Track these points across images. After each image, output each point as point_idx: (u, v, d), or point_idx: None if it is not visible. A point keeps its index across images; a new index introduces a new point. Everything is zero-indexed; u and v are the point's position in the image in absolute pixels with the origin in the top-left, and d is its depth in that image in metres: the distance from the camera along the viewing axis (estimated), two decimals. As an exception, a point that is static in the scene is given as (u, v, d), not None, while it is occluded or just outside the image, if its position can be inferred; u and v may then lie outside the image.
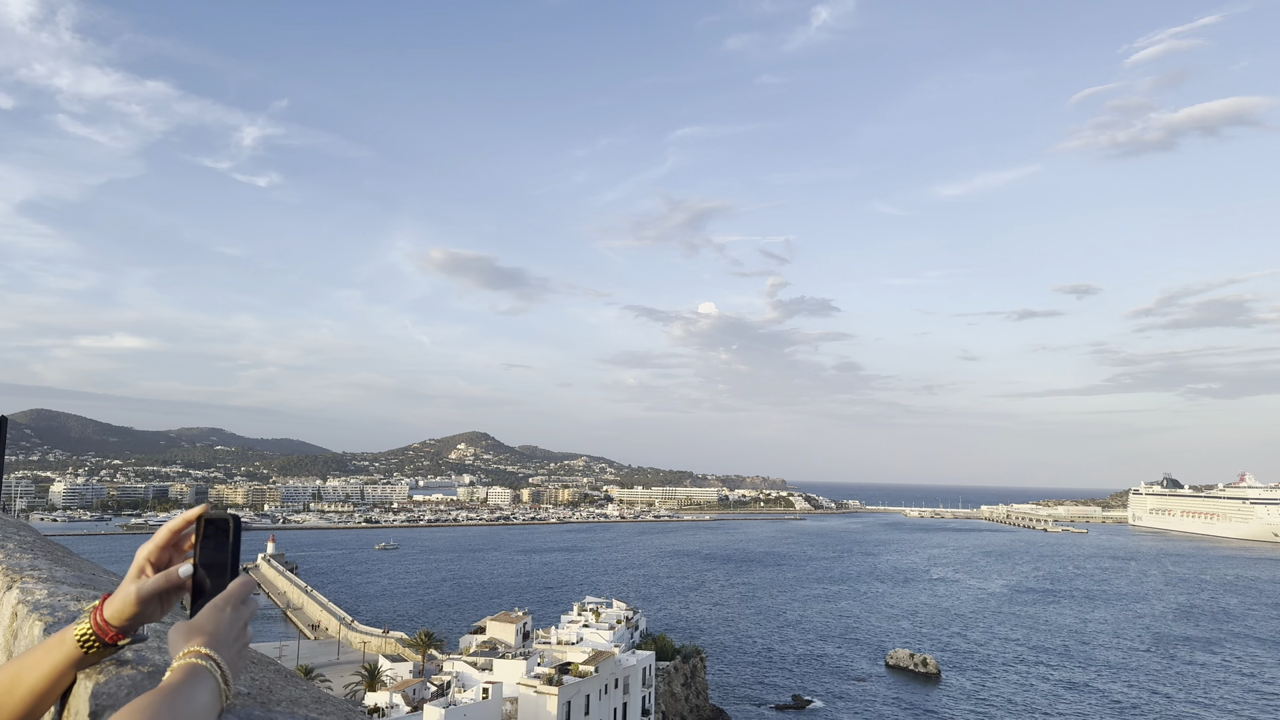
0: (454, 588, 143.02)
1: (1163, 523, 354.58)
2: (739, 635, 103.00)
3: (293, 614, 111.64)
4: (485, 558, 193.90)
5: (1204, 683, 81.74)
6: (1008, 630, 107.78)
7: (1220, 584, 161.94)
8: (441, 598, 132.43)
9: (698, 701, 68.40)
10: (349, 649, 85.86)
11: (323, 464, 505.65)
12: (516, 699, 45.29)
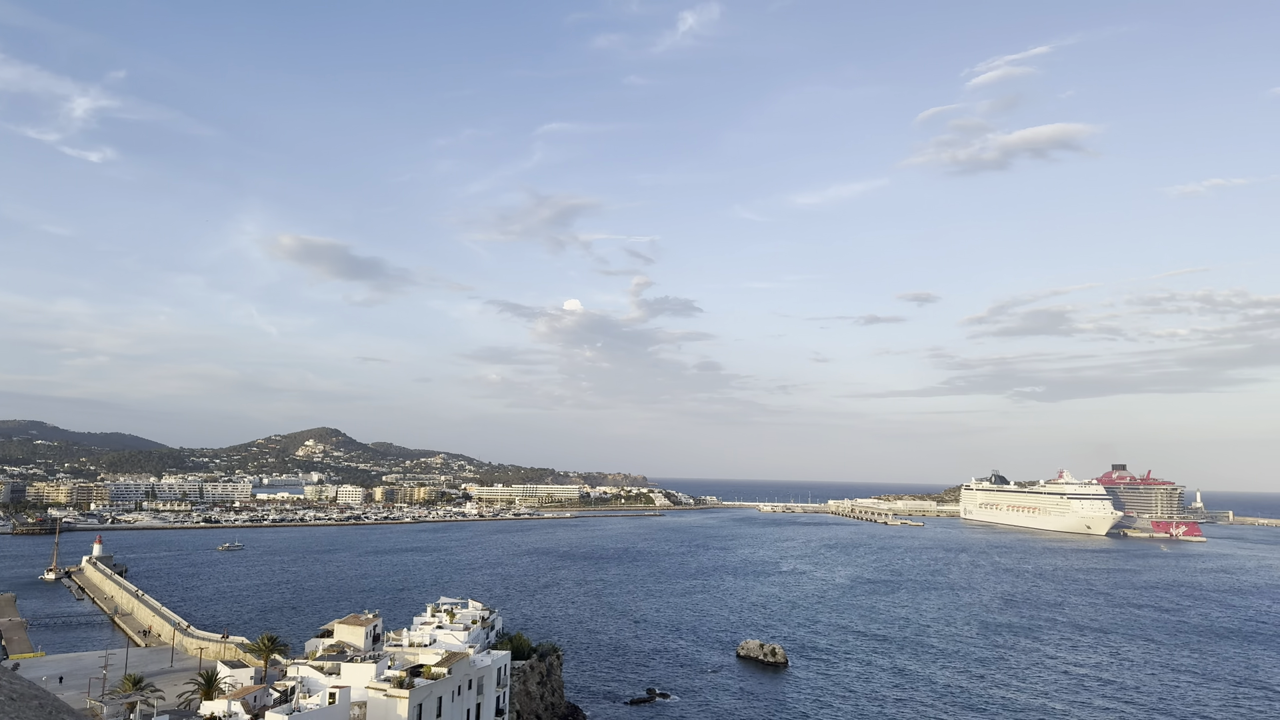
0: (300, 590, 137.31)
1: (991, 516, 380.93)
2: (595, 632, 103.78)
3: (121, 620, 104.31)
4: (334, 559, 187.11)
5: (1025, 666, 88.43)
6: (850, 620, 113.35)
7: (1040, 573, 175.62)
8: (286, 601, 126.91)
9: (553, 699, 68.52)
10: (184, 656, 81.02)
11: (158, 460, 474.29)
12: (365, 703, 44.05)
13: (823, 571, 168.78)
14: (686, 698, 74.90)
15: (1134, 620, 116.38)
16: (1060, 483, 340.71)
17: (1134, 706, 71.83)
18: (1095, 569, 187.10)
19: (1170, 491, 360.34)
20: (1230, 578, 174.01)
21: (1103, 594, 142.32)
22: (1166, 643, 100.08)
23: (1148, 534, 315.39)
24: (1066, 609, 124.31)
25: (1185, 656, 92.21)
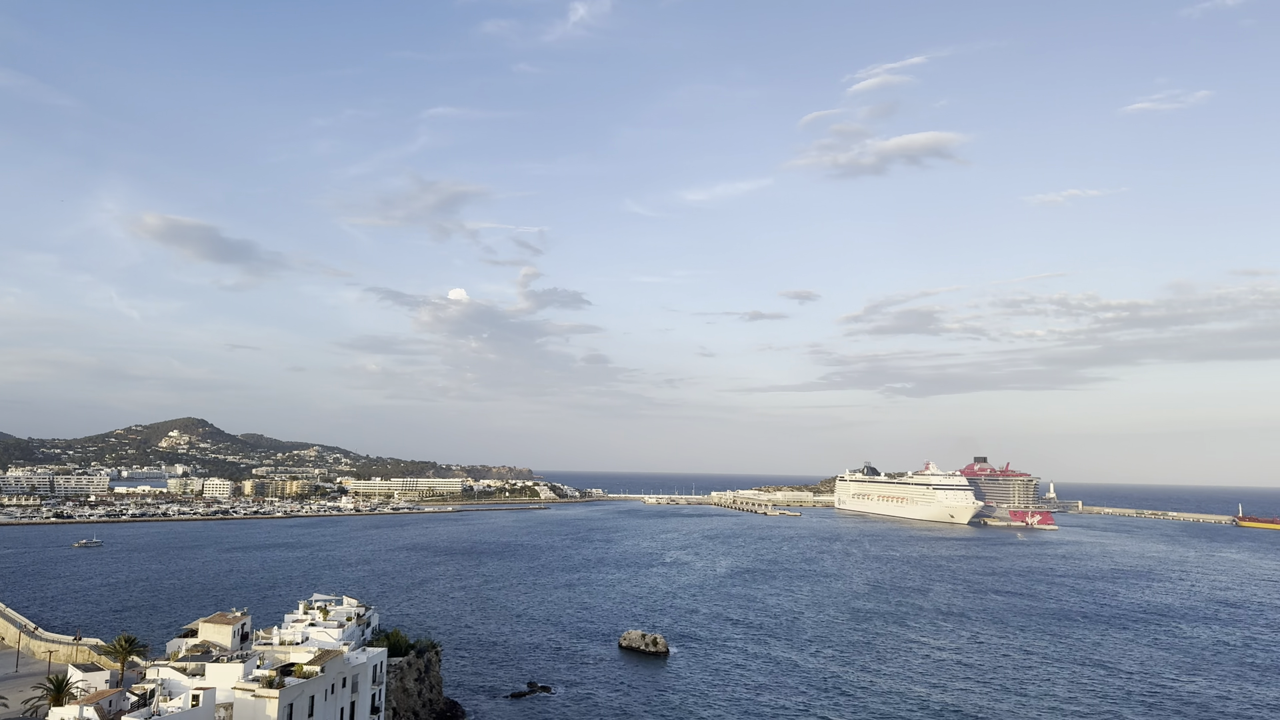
0: (161, 589, 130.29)
1: (863, 506, 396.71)
2: (475, 627, 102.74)
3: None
4: (199, 555, 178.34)
5: (891, 650, 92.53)
6: (729, 608, 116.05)
7: (906, 561, 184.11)
8: (146, 600, 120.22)
9: (431, 696, 67.48)
10: (31, 660, 75.70)
11: (3, 451, 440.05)
12: (231, 705, 42.27)
13: (704, 562, 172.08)
14: (568, 689, 75.14)
15: (992, 605, 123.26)
16: (927, 474, 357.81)
17: (989, 687, 76.15)
18: (957, 556, 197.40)
19: (1027, 482, 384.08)
20: (1079, 563, 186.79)
21: (964, 580, 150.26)
22: (1022, 626, 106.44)
23: (1005, 522, 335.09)
24: (931, 595, 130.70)
25: (1038, 639, 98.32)
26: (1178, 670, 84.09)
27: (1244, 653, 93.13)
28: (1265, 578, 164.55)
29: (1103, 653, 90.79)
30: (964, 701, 70.73)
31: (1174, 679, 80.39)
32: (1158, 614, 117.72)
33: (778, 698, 69.61)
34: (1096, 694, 74.49)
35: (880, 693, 71.13)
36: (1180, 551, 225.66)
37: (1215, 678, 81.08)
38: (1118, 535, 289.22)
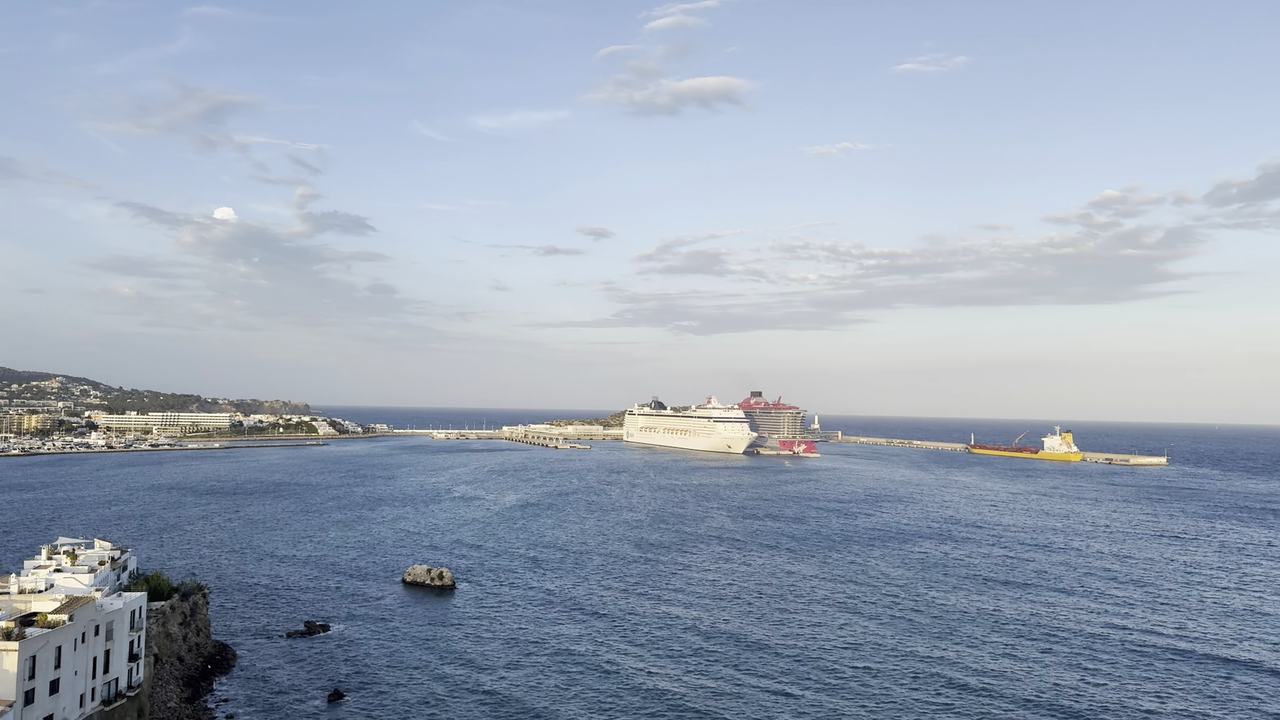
0: None
1: (650, 439, 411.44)
2: (247, 569, 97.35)
3: None
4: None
5: (672, 577, 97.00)
6: (518, 541, 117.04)
7: (689, 490, 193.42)
8: None
9: (198, 640, 63.44)
10: None
11: None
12: (-44, 664, 37.55)
13: (493, 496, 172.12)
14: (349, 626, 73.12)
15: (765, 530, 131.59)
16: (709, 408, 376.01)
17: (760, 606, 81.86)
18: (734, 484, 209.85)
19: (795, 415, 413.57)
20: (838, 488, 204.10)
21: (740, 507, 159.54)
22: (790, 548, 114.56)
23: (776, 452, 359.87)
24: (710, 522, 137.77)
25: (804, 560, 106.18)
26: (923, 583, 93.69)
27: (970, 566, 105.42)
28: (991, 499, 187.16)
29: (862, 570, 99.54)
30: (738, 622, 75.38)
31: (922, 591, 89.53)
32: (905, 533, 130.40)
33: (563, 628, 71.40)
34: (850, 609, 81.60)
35: (658, 618, 74.56)
36: (923, 476, 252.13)
37: (948, 589, 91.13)
38: (871, 462, 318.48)
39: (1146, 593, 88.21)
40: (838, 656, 64.50)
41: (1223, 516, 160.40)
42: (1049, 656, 65.17)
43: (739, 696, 54.73)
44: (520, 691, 55.01)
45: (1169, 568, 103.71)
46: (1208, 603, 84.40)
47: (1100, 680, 59.46)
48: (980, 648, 67.26)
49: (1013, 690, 56.82)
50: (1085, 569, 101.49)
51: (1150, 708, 54.38)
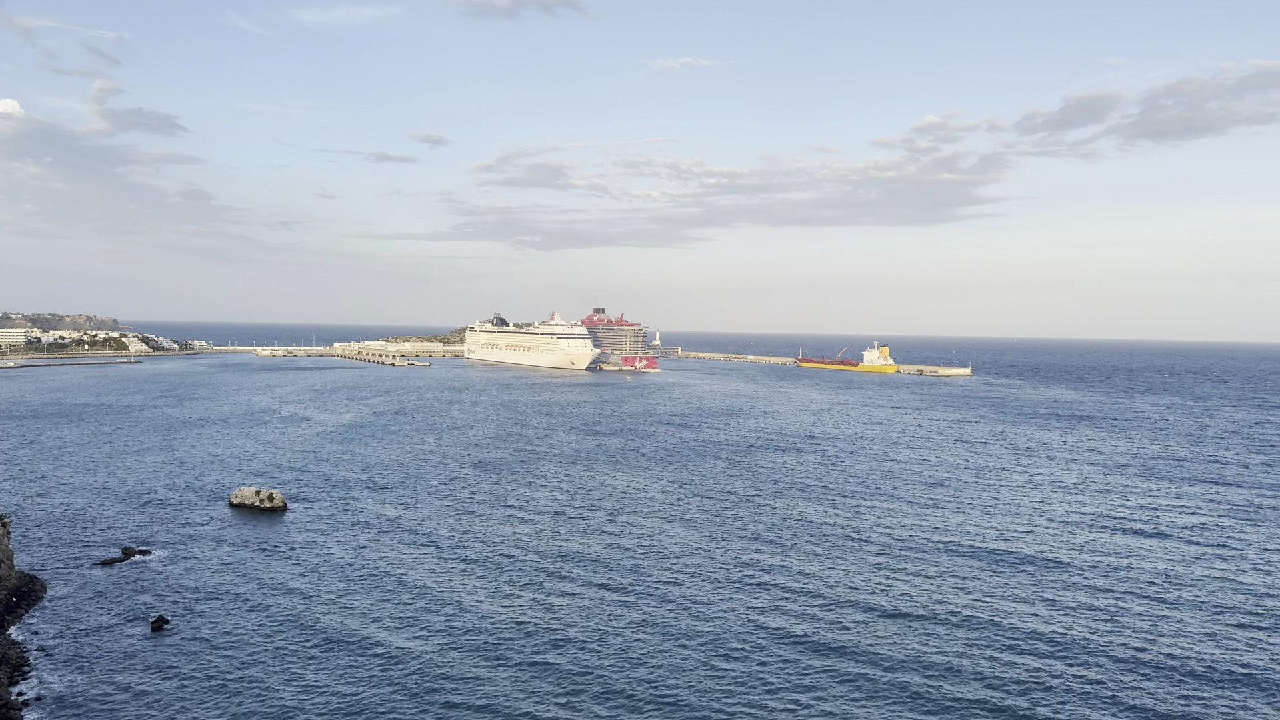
0: None
1: (492, 355, 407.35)
2: (53, 496, 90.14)
3: None
4: None
5: (514, 495, 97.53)
6: (353, 462, 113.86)
7: (533, 408, 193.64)
8: None
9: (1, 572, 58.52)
10: None
11: None
12: None
13: (325, 416, 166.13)
14: (171, 551, 69.39)
15: (608, 446, 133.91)
16: (552, 324, 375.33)
17: (604, 516, 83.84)
18: (578, 401, 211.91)
19: (637, 331, 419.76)
20: (679, 403, 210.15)
21: (584, 424, 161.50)
22: (637, 464, 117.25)
23: (618, 367, 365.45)
24: (554, 440, 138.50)
25: (650, 474, 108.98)
26: (757, 493, 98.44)
27: (798, 474, 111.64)
28: (817, 410, 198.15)
29: (699, 482, 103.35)
30: (580, 539, 76.85)
31: (755, 500, 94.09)
32: (740, 446, 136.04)
33: (400, 553, 70.50)
34: (689, 522, 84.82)
35: (498, 540, 74.88)
36: (756, 389, 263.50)
37: (778, 497, 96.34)
38: (708, 376, 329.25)
39: (949, 493, 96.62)
40: (676, 564, 67.24)
41: (1016, 421, 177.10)
42: (863, 557, 70.36)
43: (580, 610, 56.10)
44: (355, 620, 54.17)
45: (969, 470, 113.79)
46: (1002, 501, 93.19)
47: (906, 577, 64.88)
48: (801, 551, 71.64)
49: (829, 591, 61.07)
50: (898, 474, 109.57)
51: (943, 598, 59.84)
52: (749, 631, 51.98)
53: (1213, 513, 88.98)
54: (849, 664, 47.59)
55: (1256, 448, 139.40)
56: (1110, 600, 59.59)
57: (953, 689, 44.27)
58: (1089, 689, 45.01)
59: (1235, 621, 55.43)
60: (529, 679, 44.26)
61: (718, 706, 41.60)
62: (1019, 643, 51.29)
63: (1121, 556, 71.40)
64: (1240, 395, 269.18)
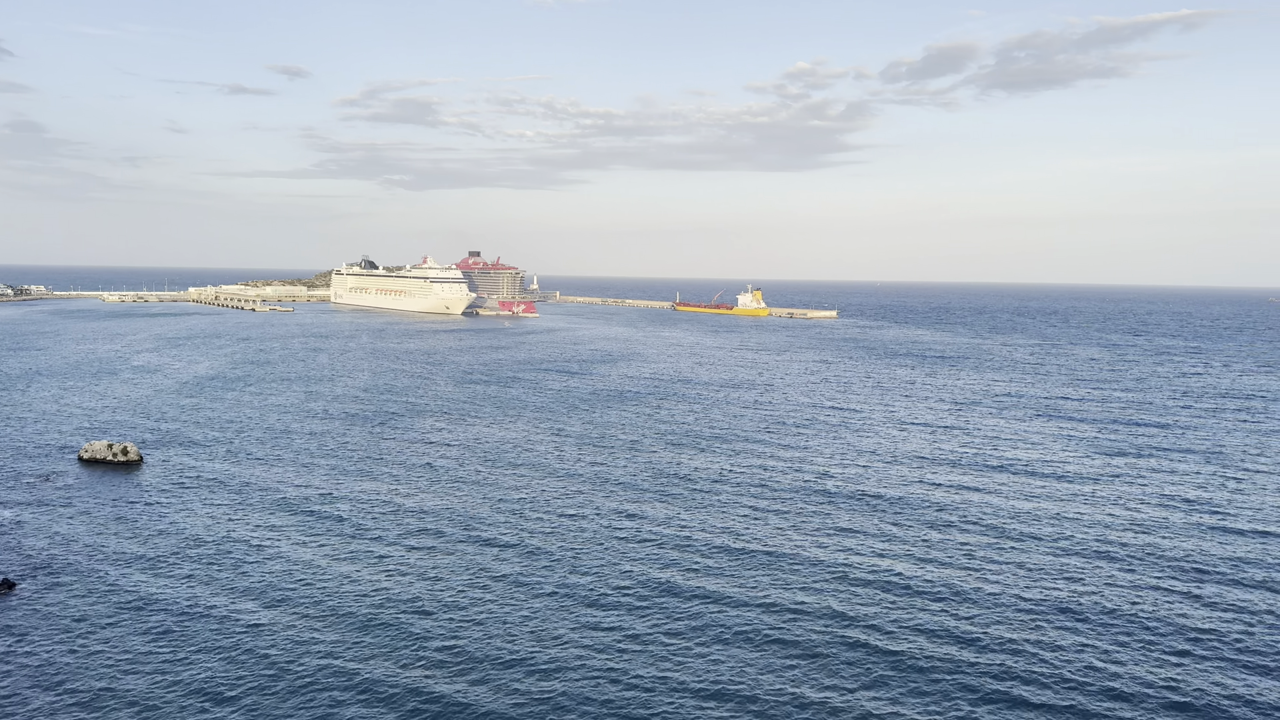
0: None
1: (361, 300, 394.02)
2: None
3: None
4: None
5: (396, 447, 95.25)
6: (211, 415, 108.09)
7: (406, 354, 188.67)
8: None
9: None
10: None
11: None
12: None
13: (181, 365, 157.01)
14: (17, 510, 64.39)
15: (487, 395, 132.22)
16: (425, 268, 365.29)
17: (483, 469, 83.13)
18: (455, 347, 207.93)
19: (514, 275, 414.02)
20: (559, 348, 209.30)
21: (460, 371, 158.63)
22: (514, 413, 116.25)
23: (495, 312, 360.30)
24: (430, 390, 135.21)
25: (528, 425, 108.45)
26: (636, 440, 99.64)
27: (676, 420, 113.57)
28: (693, 353, 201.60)
29: (580, 431, 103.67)
30: (457, 495, 75.94)
31: (643, 448, 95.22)
32: (621, 393, 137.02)
33: (261, 514, 67.61)
34: (567, 474, 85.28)
35: (367, 500, 72.89)
36: (635, 333, 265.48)
37: (657, 444, 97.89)
38: (588, 321, 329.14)
39: (816, 434, 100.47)
40: (556, 519, 67.45)
41: (878, 361, 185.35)
42: (733, 500, 72.56)
43: (455, 569, 55.21)
44: (211, 590, 51.76)
45: (837, 411, 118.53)
46: (866, 441, 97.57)
47: (769, 516, 67.50)
48: (678, 500, 73.12)
49: (702, 538, 62.75)
50: (770, 417, 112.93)
51: (803, 540, 62.64)
52: (627, 584, 52.76)
53: (1063, 447, 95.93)
54: (716, 609, 49.21)
55: (1099, 383, 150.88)
56: (958, 535, 63.65)
57: (810, 625, 46.50)
58: (942, 620, 48.04)
59: (1075, 550, 60.27)
60: (399, 646, 43.54)
61: (594, 663, 42.28)
62: (876, 579, 54.24)
63: (976, 493, 76.17)
64: (1085, 335, 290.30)
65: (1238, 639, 44.58)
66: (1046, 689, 39.20)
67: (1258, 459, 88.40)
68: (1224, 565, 55.66)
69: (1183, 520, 66.09)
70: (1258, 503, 71.34)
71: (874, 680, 39.97)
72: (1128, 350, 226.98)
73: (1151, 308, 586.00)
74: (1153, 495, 73.63)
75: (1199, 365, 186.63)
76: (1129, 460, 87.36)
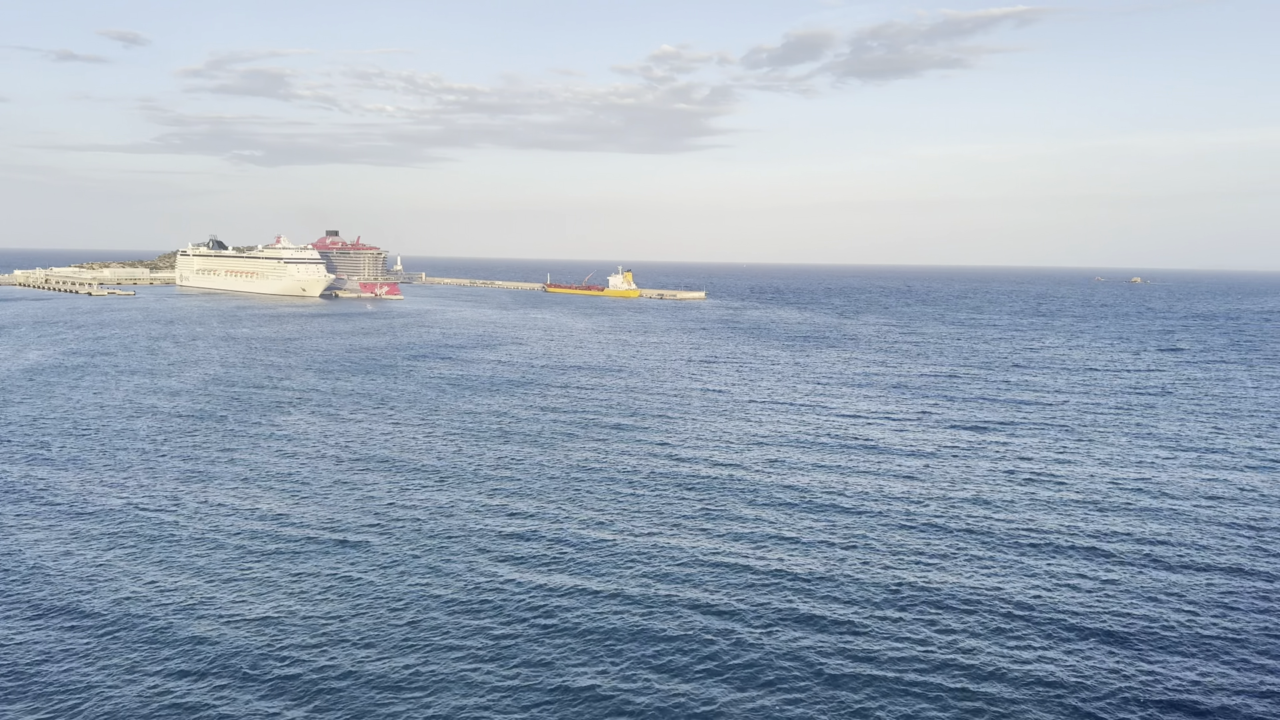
0: None
1: (210, 282, 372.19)
2: None
3: None
4: None
5: (244, 453, 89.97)
6: (35, 412, 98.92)
7: (260, 340, 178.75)
8: None
9: None
10: None
11: None
12: None
13: (5, 356, 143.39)
14: None
15: (351, 386, 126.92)
16: (278, 248, 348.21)
17: (346, 471, 79.62)
18: (315, 332, 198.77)
19: (376, 256, 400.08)
20: (426, 332, 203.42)
21: (321, 359, 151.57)
22: (381, 404, 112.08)
23: (356, 294, 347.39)
24: (290, 381, 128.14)
25: (395, 418, 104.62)
26: (513, 430, 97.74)
27: (549, 408, 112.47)
28: (566, 336, 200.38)
29: (452, 423, 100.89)
30: (321, 501, 72.64)
31: (512, 439, 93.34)
32: (493, 381, 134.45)
33: (95, 524, 62.19)
34: (437, 471, 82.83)
35: (220, 504, 68.35)
36: (506, 315, 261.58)
37: (537, 431, 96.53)
38: (456, 303, 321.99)
39: (686, 417, 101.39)
40: (420, 524, 65.42)
41: (744, 340, 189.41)
42: (603, 490, 72.25)
43: (317, 582, 52.31)
44: (47, 605, 47.34)
45: (702, 392, 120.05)
46: (732, 425, 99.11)
47: (637, 505, 67.66)
48: (545, 494, 72.15)
49: (570, 527, 62.21)
50: (638, 402, 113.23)
51: (668, 528, 63.04)
52: (487, 583, 51.50)
53: (916, 423, 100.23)
54: (580, 604, 48.80)
55: (948, 360, 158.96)
56: (815, 516, 65.54)
57: (675, 616, 46.74)
58: (796, 605, 49.07)
59: (928, 526, 62.99)
60: (238, 670, 40.75)
61: (450, 670, 40.97)
62: (736, 563, 55.01)
63: (837, 473, 78.59)
64: (940, 314, 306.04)
65: (1076, 610, 47.48)
66: (900, 668, 40.51)
67: (1094, 429, 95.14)
68: (1058, 536, 59.38)
69: (1024, 492, 70.15)
70: (1090, 471, 76.62)
71: (730, 668, 40.30)
72: (975, 328, 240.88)
73: (995, 287, 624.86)
74: (998, 469, 77.87)
75: (1039, 340, 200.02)
76: (977, 434, 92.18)
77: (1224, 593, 49.72)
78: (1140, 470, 77.94)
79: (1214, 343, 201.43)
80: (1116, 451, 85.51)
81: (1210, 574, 52.61)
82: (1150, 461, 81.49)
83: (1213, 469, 78.71)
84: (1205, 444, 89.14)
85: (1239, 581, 51.41)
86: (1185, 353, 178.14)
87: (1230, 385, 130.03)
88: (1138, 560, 54.79)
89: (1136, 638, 43.86)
